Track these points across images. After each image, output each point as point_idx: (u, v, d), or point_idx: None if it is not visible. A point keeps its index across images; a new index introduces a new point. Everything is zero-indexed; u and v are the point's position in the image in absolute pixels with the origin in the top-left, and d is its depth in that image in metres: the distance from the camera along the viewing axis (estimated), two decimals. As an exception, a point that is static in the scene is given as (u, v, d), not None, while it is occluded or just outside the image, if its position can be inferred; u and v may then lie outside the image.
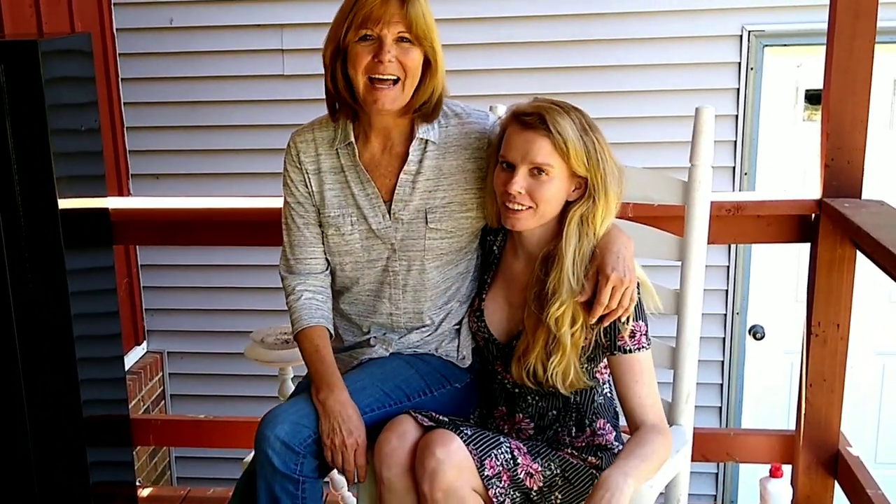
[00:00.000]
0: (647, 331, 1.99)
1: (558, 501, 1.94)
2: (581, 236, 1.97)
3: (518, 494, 1.92)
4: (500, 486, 1.90)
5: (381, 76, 1.97)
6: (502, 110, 2.23)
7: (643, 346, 1.98)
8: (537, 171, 1.93)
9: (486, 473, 1.88)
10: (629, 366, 1.98)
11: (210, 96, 4.63)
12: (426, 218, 2.10)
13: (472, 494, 1.88)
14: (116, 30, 4.56)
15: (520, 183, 1.93)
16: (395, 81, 1.98)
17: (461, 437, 1.88)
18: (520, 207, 1.95)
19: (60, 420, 2.67)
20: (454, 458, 1.86)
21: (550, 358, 1.97)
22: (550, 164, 1.92)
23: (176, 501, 3.21)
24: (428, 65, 2.01)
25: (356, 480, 2.03)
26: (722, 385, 4.72)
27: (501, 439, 1.94)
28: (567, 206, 1.99)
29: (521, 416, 2.12)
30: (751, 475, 4.44)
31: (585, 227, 1.97)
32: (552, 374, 1.98)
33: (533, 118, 1.93)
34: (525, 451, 1.95)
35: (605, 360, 2.05)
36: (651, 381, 1.99)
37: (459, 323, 2.21)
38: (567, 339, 1.95)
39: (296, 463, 1.96)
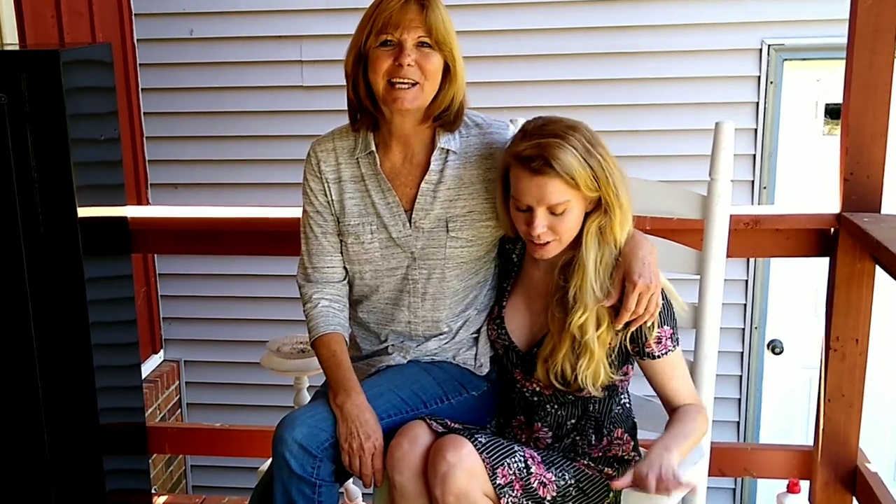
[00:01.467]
0: (672, 333, 2.00)
1: (572, 512, 1.94)
2: (601, 245, 1.98)
3: (531, 504, 1.92)
4: (513, 495, 1.90)
5: (401, 80, 1.98)
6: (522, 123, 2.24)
7: (669, 350, 2.00)
8: (554, 210, 1.94)
9: (498, 482, 1.88)
10: (660, 368, 2.01)
11: (229, 107, 4.66)
12: (447, 227, 2.11)
13: (483, 499, 1.88)
14: (137, 40, 4.60)
15: (541, 225, 1.94)
16: (414, 84, 1.99)
17: (474, 445, 1.89)
18: (545, 242, 1.97)
19: (77, 428, 2.68)
20: (465, 463, 1.86)
21: (579, 361, 1.98)
22: (567, 200, 1.93)
23: (191, 510, 3.22)
24: (447, 70, 2.03)
25: (373, 485, 2.03)
26: (740, 400, 4.70)
27: (515, 448, 1.94)
28: (585, 216, 2.00)
29: (539, 424, 2.12)
30: (769, 491, 4.41)
31: (605, 236, 1.98)
32: (583, 378, 1.99)
33: (538, 162, 1.90)
34: (539, 460, 1.95)
35: (628, 366, 2.07)
36: (683, 374, 2.04)
37: (477, 331, 2.21)
38: (594, 342, 1.97)
39: (313, 466, 1.96)
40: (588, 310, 1.95)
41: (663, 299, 1.98)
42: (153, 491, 3.27)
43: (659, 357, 1.99)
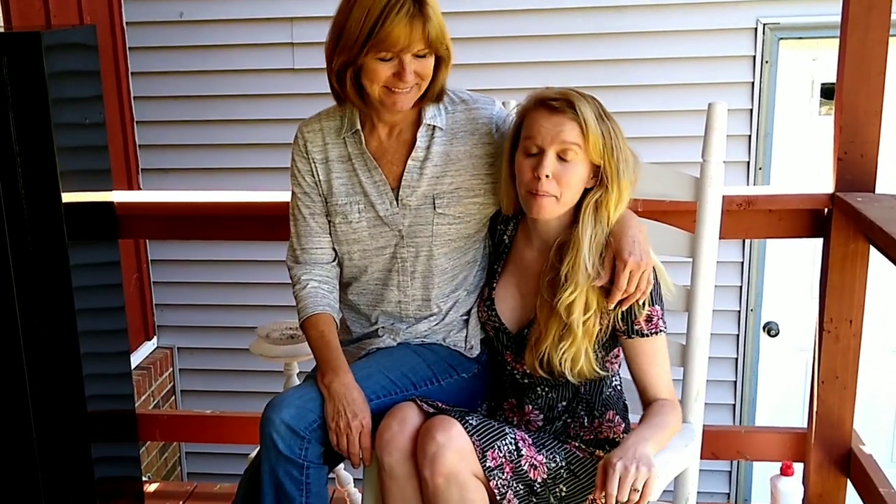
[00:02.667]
0: (662, 315, 2.00)
1: (563, 494, 1.94)
2: (596, 223, 1.98)
3: (521, 486, 1.91)
4: (502, 477, 1.89)
5: (399, 92, 1.97)
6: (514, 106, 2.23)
7: (660, 330, 2.00)
8: (564, 154, 1.93)
9: (488, 464, 1.88)
10: (644, 349, 2.00)
11: (220, 90, 4.63)
12: (434, 204, 2.10)
13: (473, 480, 1.88)
14: (126, 24, 4.56)
15: (549, 166, 1.93)
16: (413, 87, 1.99)
17: (465, 427, 1.88)
18: (545, 194, 1.95)
19: (65, 415, 2.67)
20: (455, 444, 1.86)
21: (561, 343, 1.97)
22: (578, 145, 1.93)
23: (183, 497, 3.21)
24: (440, 62, 2.02)
25: (362, 467, 2.03)
26: (736, 382, 4.69)
27: (506, 430, 1.94)
28: (584, 193, 2.00)
29: (529, 407, 2.11)
30: (764, 474, 4.41)
31: (600, 213, 1.98)
32: (560, 360, 1.98)
33: (560, 102, 1.94)
34: (530, 442, 1.95)
35: (619, 348, 2.06)
36: (664, 363, 2.02)
37: (468, 313, 2.21)
38: (578, 326, 1.95)
39: (300, 447, 1.96)
40: (578, 288, 1.94)
41: (654, 277, 1.98)
42: (145, 478, 3.25)
43: (648, 336, 1.98)
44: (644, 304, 1.96)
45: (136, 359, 4.53)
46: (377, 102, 2.02)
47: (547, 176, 1.93)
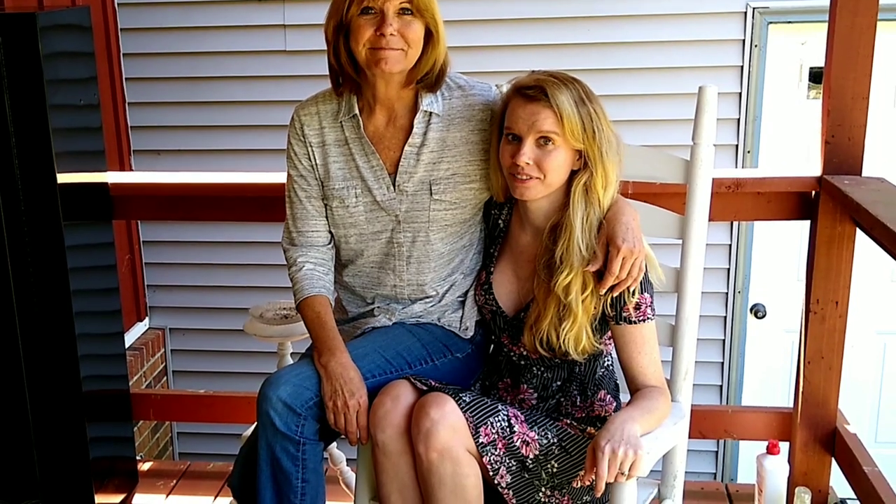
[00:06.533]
0: (651, 302, 2.02)
1: (554, 470, 1.96)
2: (587, 205, 2.00)
3: (514, 462, 1.94)
4: (495, 453, 1.92)
5: (383, 48, 1.98)
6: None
7: (648, 318, 2.01)
8: (543, 140, 1.96)
9: (481, 440, 1.90)
10: (632, 336, 2.01)
11: (212, 72, 4.62)
12: (430, 189, 2.12)
13: (466, 455, 1.91)
14: (118, 5, 4.54)
15: (528, 154, 1.96)
16: (397, 50, 1.99)
17: (458, 404, 1.90)
18: (527, 177, 1.97)
19: (60, 395, 2.69)
20: (449, 419, 1.88)
21: (562, 324, 2.00)
22: (556, 133, 1.95)
23: (176, 475, 3.22)
24: (430, 36, 2.03)
25: (358, 444, 2.05)
26: (723, 364, 4.73)
27: (499, 407, 1.96)
28: (572, 175, 2.02)
29: (524, 386, 2.14)
30: (750, 453, 4.45)
31: (590, 195, 2.00)
32: (564, 340, 2.00)
33: (535, 91, 1.96)
34: (522, 419, 1.98)
35: (609, 330, 2.08)
36: (653, 351, 2.03)
37: (464, 295, 2.23)
38: (577, 305, 1.98)
39: (297, 424, 1.98)
40: (574, 270, 1.97)
41: (644, 265, 2.00)
42: (138, 458, 3.27)
43: (635, 323, 2.00)
44: (634, 291, 1.98)
45: (128, 340, 4.54)
46: (366, 66, 2.02)
47: (528, 163, 1.96)
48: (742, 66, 4.38)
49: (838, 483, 2.83)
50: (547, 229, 2.05)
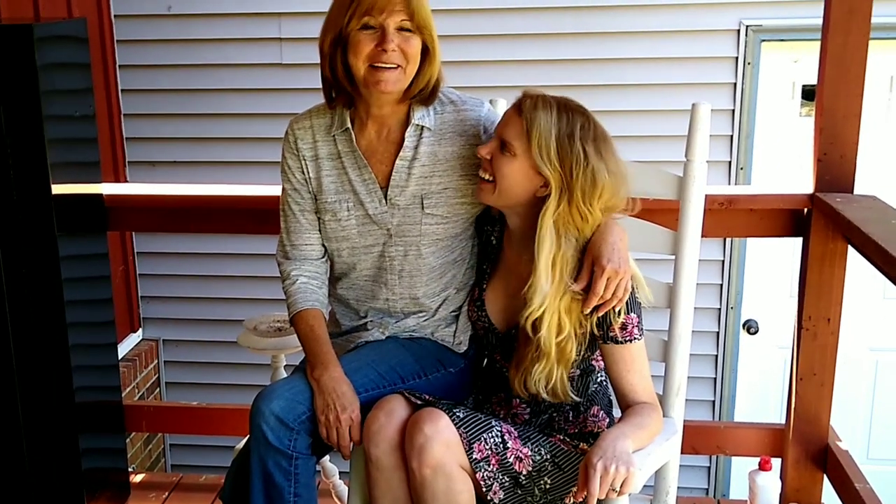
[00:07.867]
0: (639, 322, 2.00)
1: (547, 486, 1.96)
2: (559, 239, 1.97)
3: (507, 478, 1.94)
4: (489, 469, 1.91)
5: (383, 64, 1.98)
6: (502, 104, 2.27)
7: (634, 338, 2.00)
8: (503, 145, 1.98)
9: (474, 456, 1.90)
10: (620, 356, 2.00)
11: (208, 84, 4.63)
12: (422, 203, 2.12)
13: (460, 471, 1.90)
14: (114, 16, 4.55)
15: (487, 148, 2.00)
16: (396, 67, 2.00)
17: (452, 419, 1.90)
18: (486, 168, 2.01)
19: (53, 406, 2.68)
20: (443, 435, 1.88)
21: (535, 365, 2.00)
22: (514, 145, 1.96)
23: (168, 488, 3.22)
24: (426, 52, 2.03)
25: (351, 457, 2.05)
26: (715, 379, 4.73)
27: (493, 423, 1.96)
28: (540, 202, 1.99)
29: (517, 401, 2.13)
30: (743, 469, 4.45)
31: (567, 231, 1.97)
32: (535, 381, 2.00)
33: (520, 100, 1.99)
34: (516, 435, 1.97)
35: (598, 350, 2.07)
36: (642, 369, 2.02)
37: (458, 309, 2.23)
38: (550, 345, 1.97)
39: (289, 438, 1.98)
40: (537, 307, 1.95)
41: (631, 285, 1.98)
42: (131, 469, 3.26)
43: (622, 343, 1.99)
44: (620, 311, 1.97)
45: (122, 351, 4.53)
46: (363, 85, 2.02)
47: (486, 157, 2.00)
48: (735, 84, 4.40)
49: (830, 500, 2.83)
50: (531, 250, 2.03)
